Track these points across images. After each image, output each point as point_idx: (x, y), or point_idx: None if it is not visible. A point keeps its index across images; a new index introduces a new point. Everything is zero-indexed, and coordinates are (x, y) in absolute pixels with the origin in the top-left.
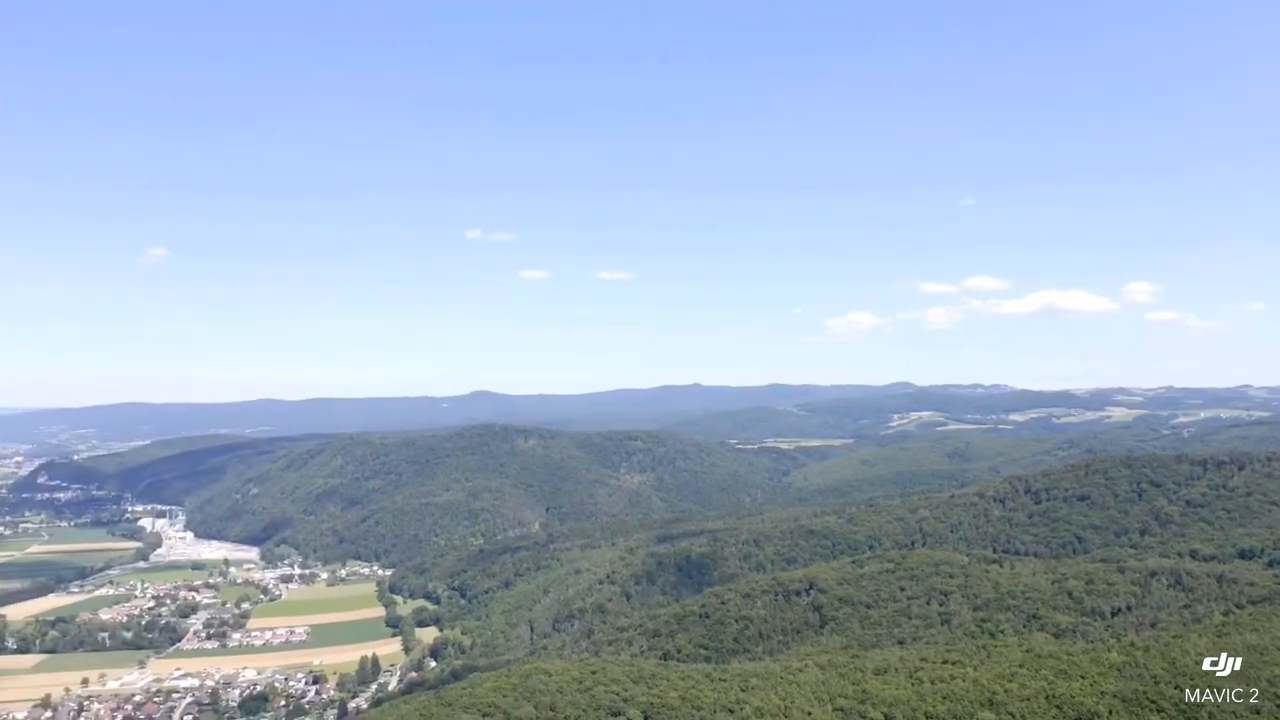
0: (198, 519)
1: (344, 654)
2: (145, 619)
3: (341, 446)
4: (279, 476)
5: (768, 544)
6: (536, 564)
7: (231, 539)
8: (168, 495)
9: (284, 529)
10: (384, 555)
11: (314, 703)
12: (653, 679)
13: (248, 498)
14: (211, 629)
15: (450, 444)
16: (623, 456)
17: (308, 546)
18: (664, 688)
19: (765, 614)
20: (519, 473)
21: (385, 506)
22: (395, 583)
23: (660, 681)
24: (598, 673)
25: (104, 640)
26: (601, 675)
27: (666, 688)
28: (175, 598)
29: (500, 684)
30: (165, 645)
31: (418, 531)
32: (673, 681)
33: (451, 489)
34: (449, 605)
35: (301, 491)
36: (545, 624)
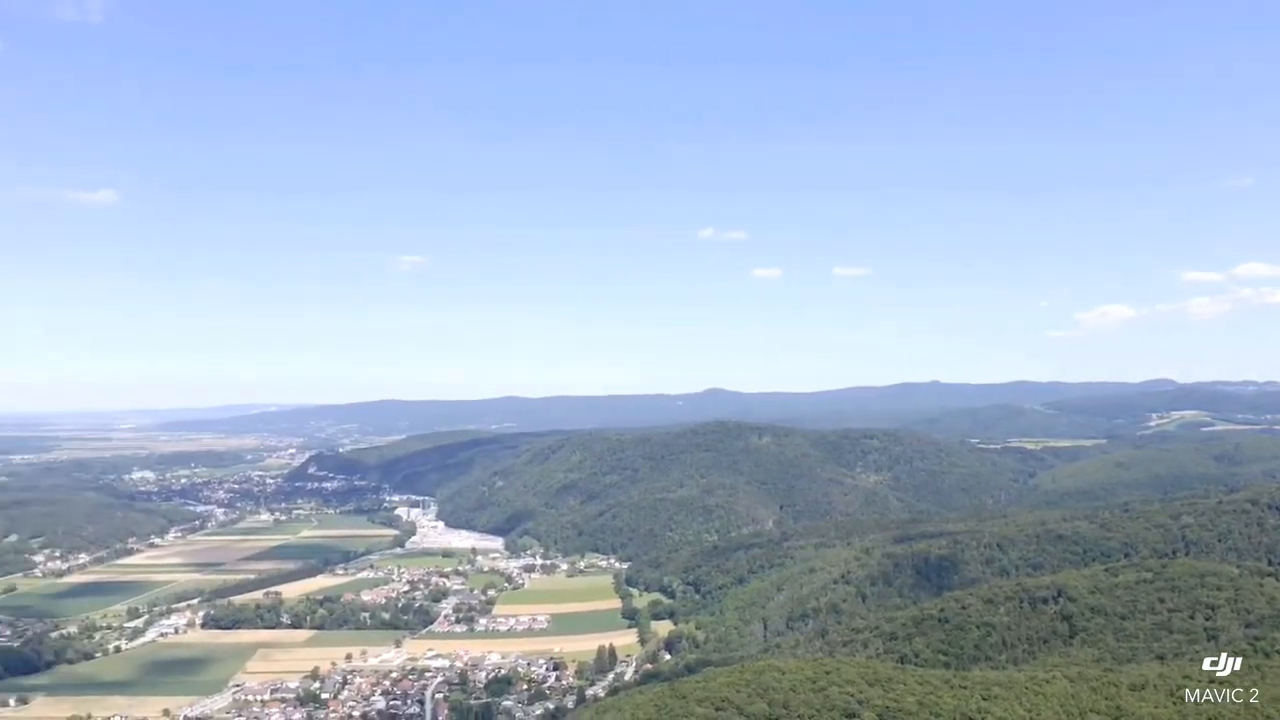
0: (448, 509)
1: (582, 643)
2: (401, 602)
3: (581, 442)
4: (522, 470)
5: (1012, 548)
6: (770, 561)
7: (478, 529)
8: (421, 486)
9: (526, 521)
10: (620, 548)
11: (554, 688)
12: (889, 682)
13: (493, 490)
14: (460, 614)
15: (684, 441)
16: (858, 455)
17: (548, 538)
18: (901, 692)
19: (1009, 621)
20: (753, 470)
21: (622, 501)
22: (631, 575)
23: (897, 685)
24: (832, 673)
25: (365, 620)
26: (836, 676)
27: (904, 692)
28: (428, 583)
29: (734, 679)
30: (419, 627)
31: (653, 526)
32: (910, 686)
33: (686, 485)
34: (683, 600)
35: (543, 485)
36: (779, 622)
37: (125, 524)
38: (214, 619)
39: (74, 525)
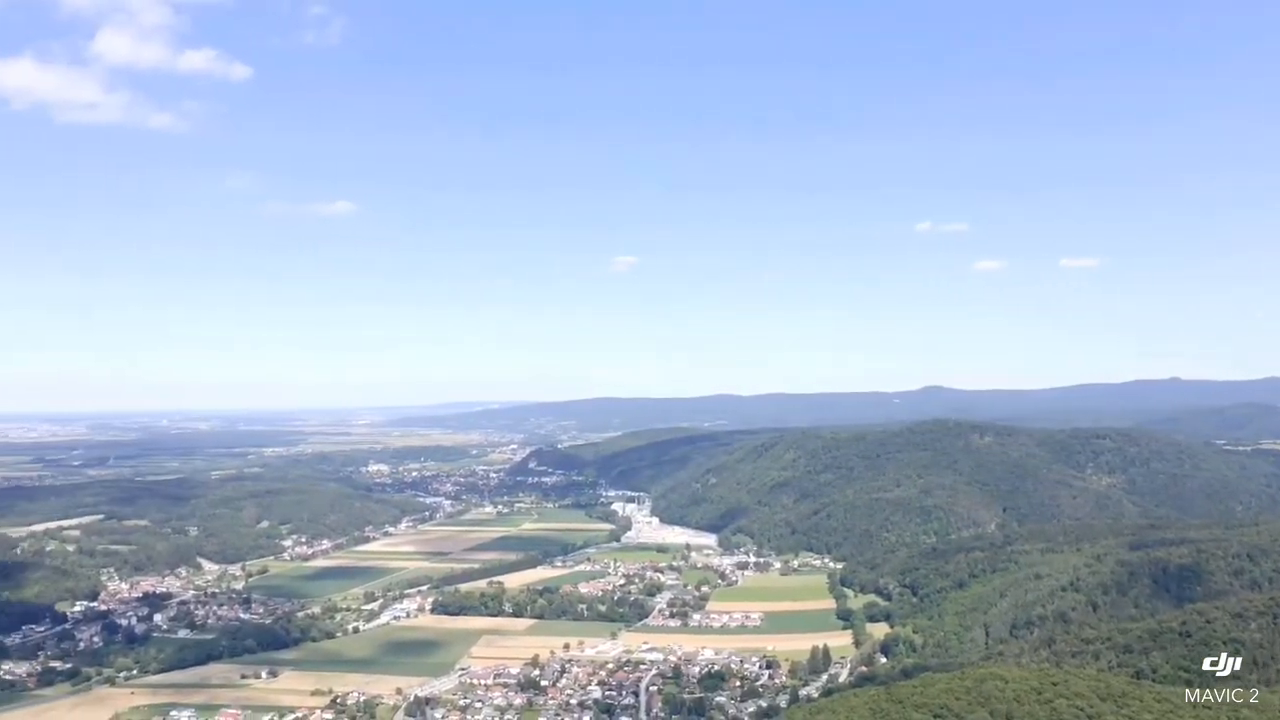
0: (662, 505)
1: (795, 642)
2: (617, 595)
3: (795, 440)
4: (735, 467)
5: (1265, 559)
6: (992, 565)
7: (692, 525)
8: (636, 482)
9: (739, 518)
10: (835, 548)
11: (767, 686)
12: (1123, 698)
13: (707, 487)
14: (674, 608)
15: (901, 439)
16: (1089, 456)
17: (762, 536)
18: (1136, 709)
19: (1261, 639)
20: (973, 470)
21: (836, 500)
22: (846, 576)
23: (1132, 702)
24: (1059, 685)
25: (582, 611)
26: (1064, 688)
27: (1139, 709)
28: (642, 577)
29: (953, 686)
30: (633, 620)
31: (868, 526)
32: (1147, 703)
33: (903, 485)
34: (900, 602)
35: (756, 483)
36: (1001, 628)
37: (363, 513)
38: (442, 605)
39: (318, 513)
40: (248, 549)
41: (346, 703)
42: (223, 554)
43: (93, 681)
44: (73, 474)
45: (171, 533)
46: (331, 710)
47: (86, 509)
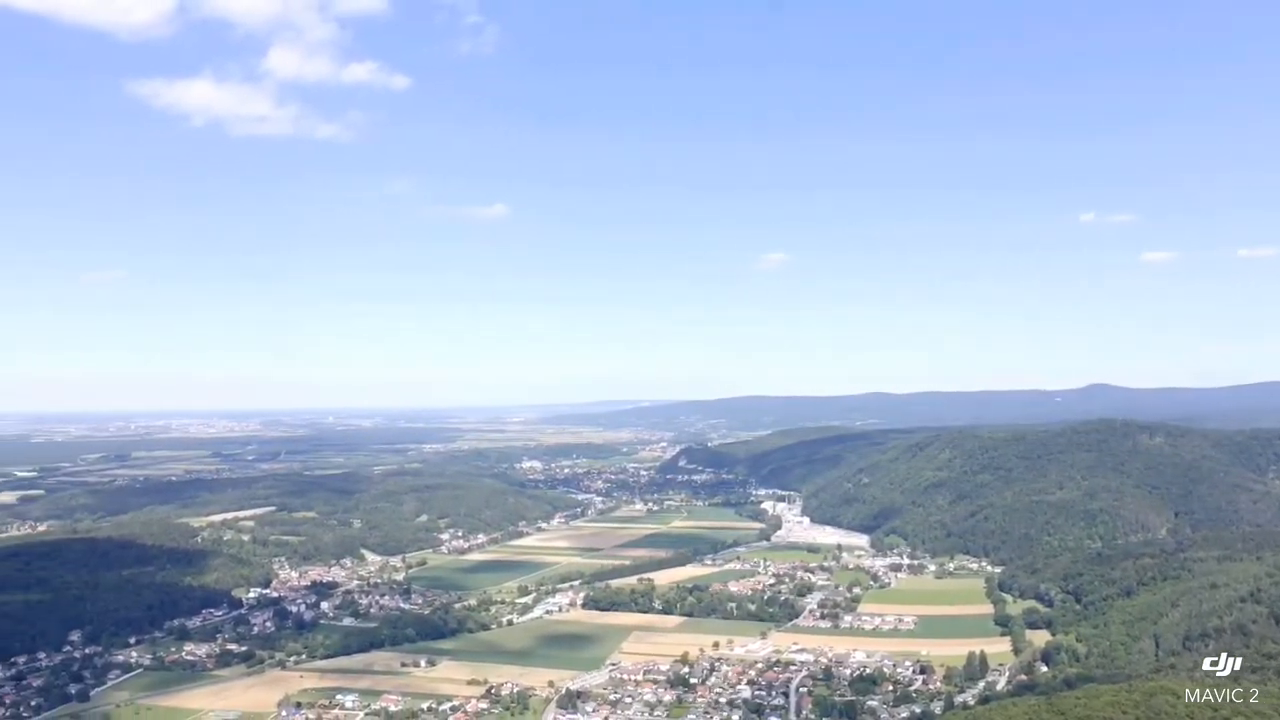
0: (813, 504)
1: (950, 647)
2: (766, 594)
3: (950, 439)
4: (888, 467)
5: None
6: (1163, 573)
7: (843, 525)
8: (786, 481)
9: (892, 518)
10: (992, 552)
11: (921, 691)
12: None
13: (858, 486)
14: (825, 609)
15: (1064, 439)
16: (1271, 458)
17: (915, 537)
18: None
19: None
20: (1142, 473)
21: (994, 502)
22: (1004, 580)
23: None
24: (1239, 702)
25: (732, 610)
26: (1244, 707)
27: None
28: (793, 577)
29: (1119, 699)
30: (783, 620)
31: (1028, 530)
32: None
33: (1065, 487)
34: (1061, 609)
35: (910, 483)
36: (1173, 640)
37: (517, 509)
38: (593, 600)
39: (474, 508)
40: (408, 541)
41: (501, 693)
42: (384, 546)
43: (265, 664)
44: (247, 468)
45: (337, 525)
46: (487, 700)
47: (260, 501)
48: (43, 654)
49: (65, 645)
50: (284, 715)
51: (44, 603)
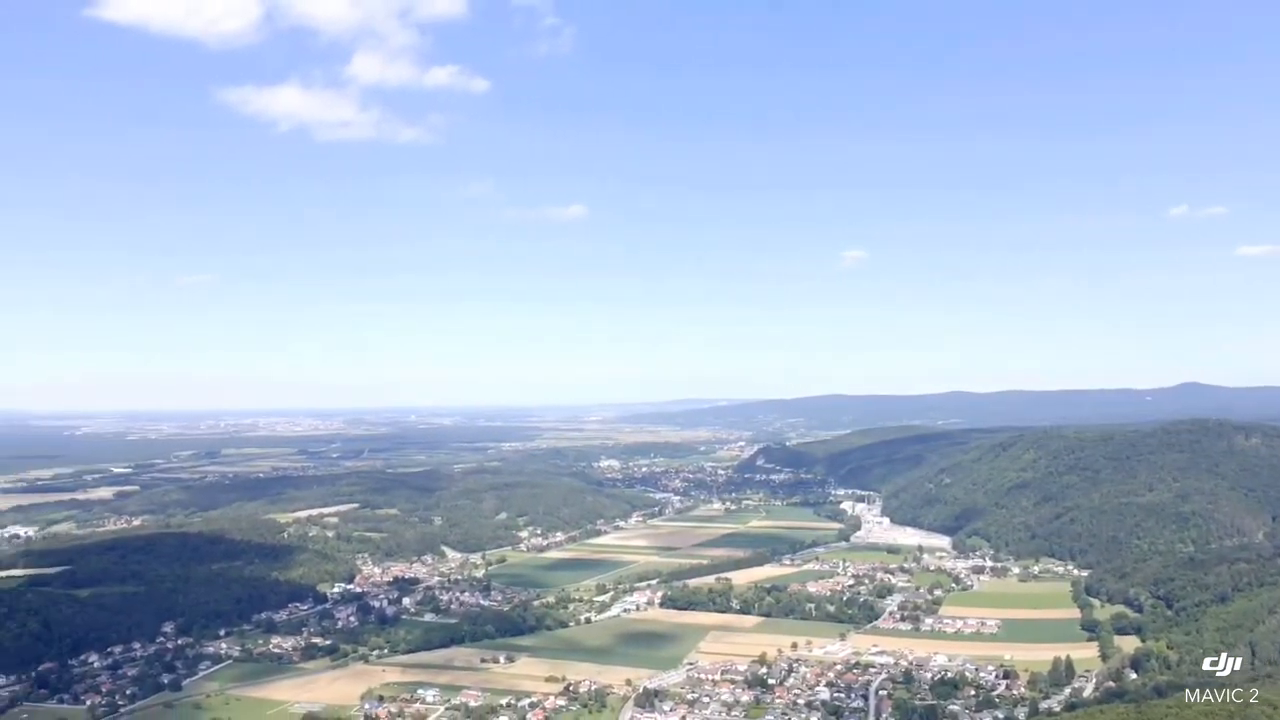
0: (893, 505)
1: (1034, 652)
2: (846, 595)
3: (1035, 440)
4: (970, 467)
5: None
6: (1260, 579)
7: (924, 526)
8: (865, 481)
9: (974, 520)
10: (1079, 555)
11: (1004, 697)
12: None
13: (940, 487)
14: (905, 611)
15: (1154, 440)
16: None
17: (998, 539)
18: None
19: None
20: (1237, 475)
21: (1080, 504)
22: (1091, 585)
23: None
24: None
25: (810, 610)
26: None
27: None
28: (872, 578)
29: (1213, 710)
30: (862, 622)
31: (1116, 533)
32: None
33: (1156, 489)
34: (1152, 615)
35: (993, 484)
36: (1270, 649)
37: (594, 507)
38: (671, 599)
39: (552, 506)
40: (487, 539)
41: (579, 691)
42: (465, 543)
43: (349, 658)
44: (332, 465)
45: (419, 522)
46: (565, 697)
47: (344, 498)
48: (138, 644)
49: (159, 636)
50: (367, 709)
51: (139, 595)
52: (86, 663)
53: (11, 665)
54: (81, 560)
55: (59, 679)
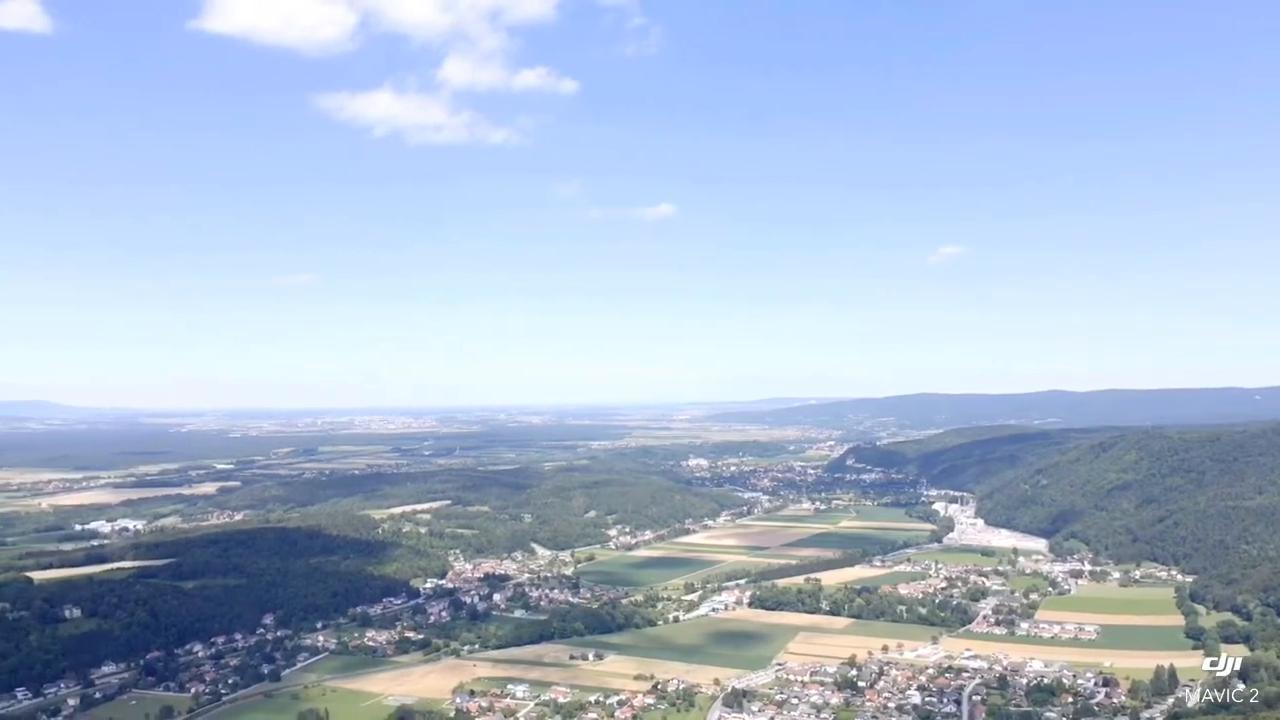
0: (987, 506)
1: (1135, 659)
2: (938, 598)
3: (1136, 440)
4: (1068, 468)
5: None
6: None
7: (1019, 528)
8: (959, 481)
9: (1072, 522)
10: (1183, 560)
11: (1103, 705)
12: None
13: (1036, 488)
14: (999, 615)
15: (1263, 441)
16: None
17: (1097, 542)
18: None
19: None
20: None
21: (1185, 507)
22: (1196, 591)
23: None
24: None
25: (901, 613)
26: None
27: None
28: (965, 581)
29: None
30: (955, 625)
31: (1223, 537)
32: None
33: (1266, 492)
34: (1262, 623)
35: (1092, 486)
36: None
37: (682, 506)
38: (759, 599)
39: (640, 505)
40: (576, 536)
41: (667, 689)
42: (554, 540)
43: (441, 652)
44: (425, 463)
45: (509, 519)
46: (653, 695)
47: (436, 495)
48: (239, 635)
49: (259, 628)
50: (458, 702)
51: (240, 588)
52: (191, 652)
53: (121, 653)
54: (187, 553)
55: (165, 667)
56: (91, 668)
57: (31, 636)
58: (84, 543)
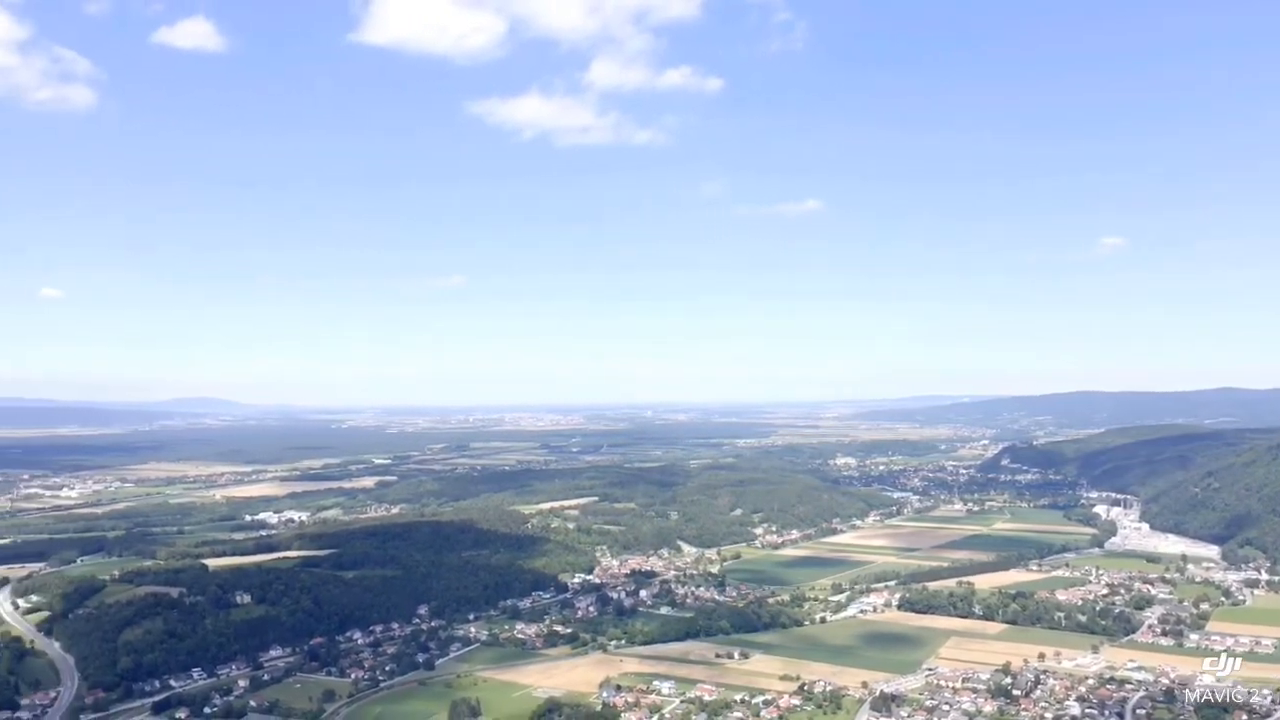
0: (1152, 510)
1: None
2: (1099, 605)
3: None
4: (1243, 471)
5: None
6: None
7: (1188, 534)
8: (1122, 483)
9: (1247, 528)
10: None
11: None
12: None
13: (1207, 492)
14: (1166, 625)
15: None
16: None
17: (1276, 550)
18: None
19: None
20: None
21: None
22: None
23: None
24: None
25: (1059, 620)
26: None
27: None
28: (1129, 588)
29: None
30: (1118, 634)
31: None
32: None
33: None
34: None
35: (1270, 489)
36: None
37: (830, 505)
38: (909, 602)
39: (787, 504)
40: (722, 534)
41: (813, 690)
42: (700, 538)
43: (588, 647)
44: (572, 459)
45: (655, 516)
46: (799, 696)
47: (584, 491)
48: (396, 624)
49: (414, 618)
50: (605, 696)
51: (397, 579)
52: (351, 639)
53: (287, 638)
54: (347, 544)
55: (327, 653)
56: (260, 651)
57: (206, 620)
58: (253, 532)
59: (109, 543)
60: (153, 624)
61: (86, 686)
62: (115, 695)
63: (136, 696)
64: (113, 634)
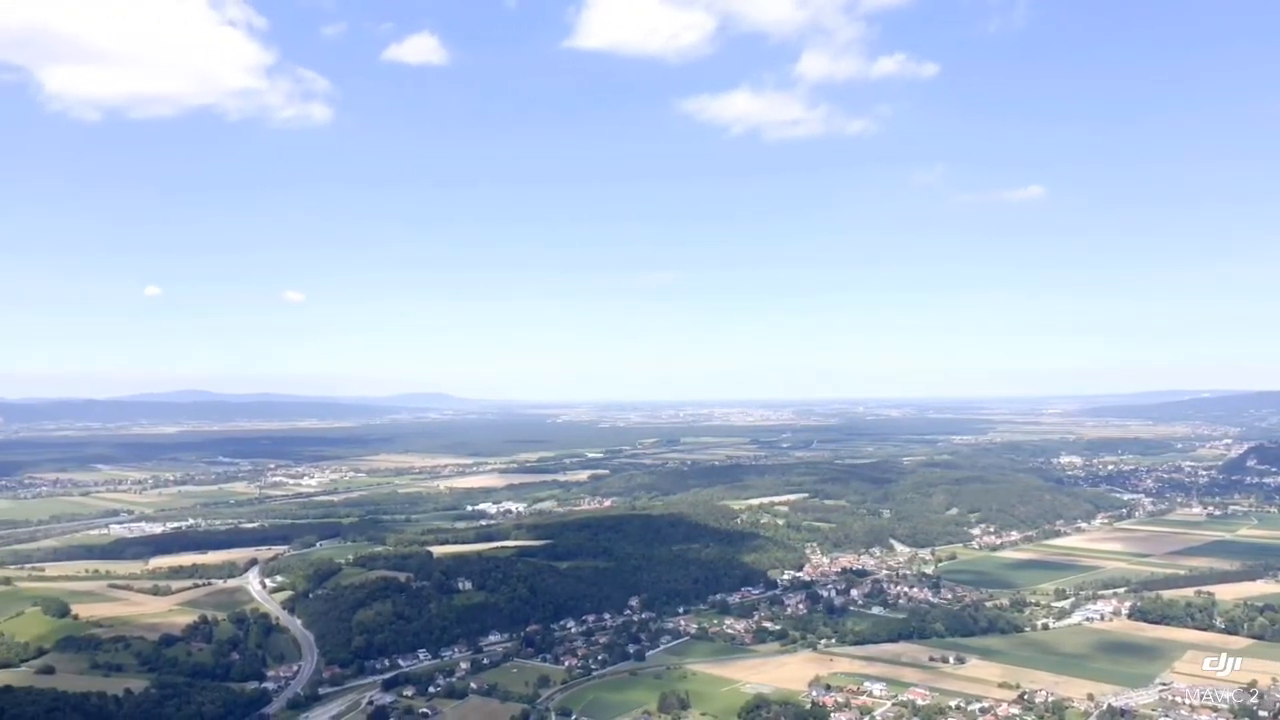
0: None
1: None
2: None
3: None
4: None
5: None
6: None
7: None
8: None
9: None
10: None
11: None
12: None
13: None
14: None
15: None
16: None
17: None
18: None
19: None
20: None
21: None
22: None
23: None
24: None
25: None
26: None
27: None
28: None
29: None
30: None
31: None
32: None
33: None
34: None
35: None
36: None
37: (1053, 506)
38: (1141, 611)
39: (1006, 504)
40: (936, 534)
41: (1034, 700)
42: (913, 537)
43: (797, 644)
44: (782, 455)
45: (867, 514)
46: (1019, 705)
47: (794, 487)
48: (608, 615)
49: (625, 609)
50: (814, 695)
51: (609, 570)
52: (565, 628)
53: (505, 624)
54: (561, 535)
55: (542, 640)
56: (480, 636)
57: (431, 605)
58: (474, 522)
59: (344, 528)
60: (383, 606)
61: (324, 662)
62: (349, 671)
63: (368, 674)
64: (348, 614)
